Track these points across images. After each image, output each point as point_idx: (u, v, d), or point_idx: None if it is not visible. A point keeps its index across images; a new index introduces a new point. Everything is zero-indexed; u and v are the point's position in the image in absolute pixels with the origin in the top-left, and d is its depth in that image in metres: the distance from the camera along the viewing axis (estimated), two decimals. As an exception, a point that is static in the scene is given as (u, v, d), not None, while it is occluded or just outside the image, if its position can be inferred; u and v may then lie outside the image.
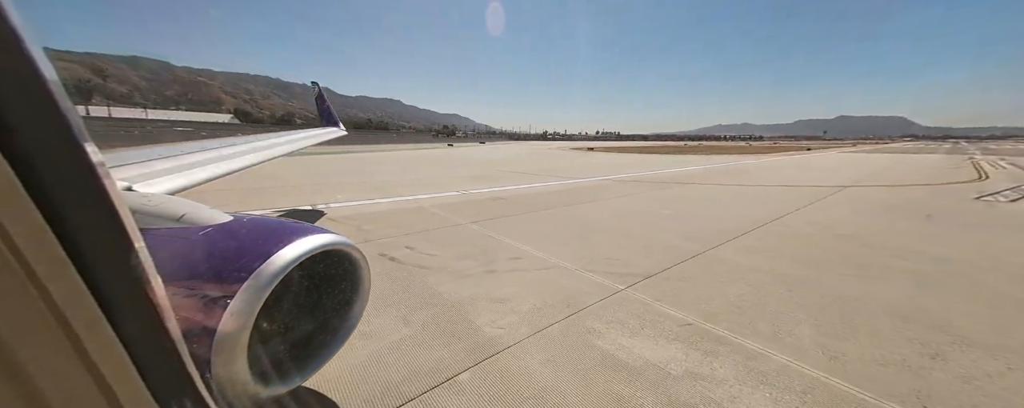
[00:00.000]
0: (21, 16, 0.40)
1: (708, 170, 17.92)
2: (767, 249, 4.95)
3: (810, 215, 7.22)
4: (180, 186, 2.45)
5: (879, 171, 17.18)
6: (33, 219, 0.38)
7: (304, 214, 7.27)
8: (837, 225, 6.38)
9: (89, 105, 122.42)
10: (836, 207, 8.12)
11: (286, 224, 1.24)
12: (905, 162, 23.21)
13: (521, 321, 2.98)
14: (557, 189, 11.06)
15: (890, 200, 9.17)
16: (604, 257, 4.55)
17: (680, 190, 10.95)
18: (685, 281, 3.83)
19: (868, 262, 4.45)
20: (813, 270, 4.15)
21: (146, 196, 1.53)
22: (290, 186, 10.96)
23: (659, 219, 6.90)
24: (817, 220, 6.74)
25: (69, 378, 0.42)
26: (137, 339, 0.51)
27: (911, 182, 12.78)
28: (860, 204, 8.59)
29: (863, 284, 3.78)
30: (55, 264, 0.40)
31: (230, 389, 0.95)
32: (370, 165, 19.73)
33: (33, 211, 0.38)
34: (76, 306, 0.41)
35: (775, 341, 2.69)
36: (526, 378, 2.30)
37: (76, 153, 0.44)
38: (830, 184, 11.93)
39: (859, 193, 10.23)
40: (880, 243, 5.30)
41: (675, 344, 2.66)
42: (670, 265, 4.27)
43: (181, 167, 2.83)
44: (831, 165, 21.16)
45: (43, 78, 0.40)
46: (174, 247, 1.14)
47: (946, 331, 2.83)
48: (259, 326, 1.02)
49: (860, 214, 7.45)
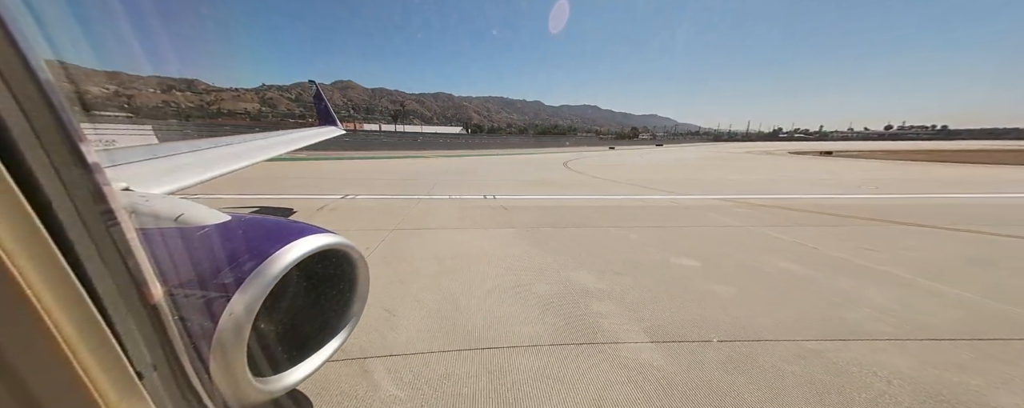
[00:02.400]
0: (30, 28, 0.41)
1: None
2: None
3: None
4: (180, 186, 2.45)
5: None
6: (26, 219, 0.38)
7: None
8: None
9: (404, 124, 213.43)
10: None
11: (285, 224, 1.24)
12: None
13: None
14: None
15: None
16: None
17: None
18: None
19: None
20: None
21: (145, 196, 1.53)
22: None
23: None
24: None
25: (64, 379, 0.42)
26: (134, 339, 0.51)
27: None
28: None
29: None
30: (48, 264, 0.40)
31: (228, 389, 0.95)
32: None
33: (27, 211, 0.38)
34: (70, 306, 0.41)
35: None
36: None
37: (70, 154, 0.44)
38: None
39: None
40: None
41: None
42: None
43: (179, 166, 2.82)
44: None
45: (40, 83, 0.40)
46: (172, 247, 1.14)
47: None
48: (257, 326, 1.02)
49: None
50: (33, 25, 0.44)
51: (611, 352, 2.54)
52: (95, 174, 0.45)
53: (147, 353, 0.53)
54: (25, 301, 0.38)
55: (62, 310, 0.41)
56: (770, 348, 2.59)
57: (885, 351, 2.55)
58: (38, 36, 0.45)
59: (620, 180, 13.63)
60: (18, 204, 0.38)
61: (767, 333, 2.78)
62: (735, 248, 4.99)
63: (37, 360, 0.40)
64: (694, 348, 2.59)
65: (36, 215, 0.39)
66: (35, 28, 0.45)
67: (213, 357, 0.92)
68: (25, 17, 0.42)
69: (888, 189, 11.31)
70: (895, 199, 9.48)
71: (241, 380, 0.97)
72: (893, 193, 10.49)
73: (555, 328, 2.84)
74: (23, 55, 0.39)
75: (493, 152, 33.00)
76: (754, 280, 3.85)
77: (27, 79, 0.40)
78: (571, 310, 3.16)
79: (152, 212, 1.27)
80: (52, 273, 0.40)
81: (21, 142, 0.40)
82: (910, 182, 13.27)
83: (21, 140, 0.40)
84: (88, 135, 0.47)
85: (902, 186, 12.11)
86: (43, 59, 0.43)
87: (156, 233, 1.19)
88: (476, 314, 3.07)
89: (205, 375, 0.90)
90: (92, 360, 0.44)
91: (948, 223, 6.48)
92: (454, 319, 2.99)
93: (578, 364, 2.41)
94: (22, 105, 0.40)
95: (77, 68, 1.20)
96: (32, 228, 0.39)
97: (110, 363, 0.46)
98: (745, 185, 12.33)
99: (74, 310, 0.42)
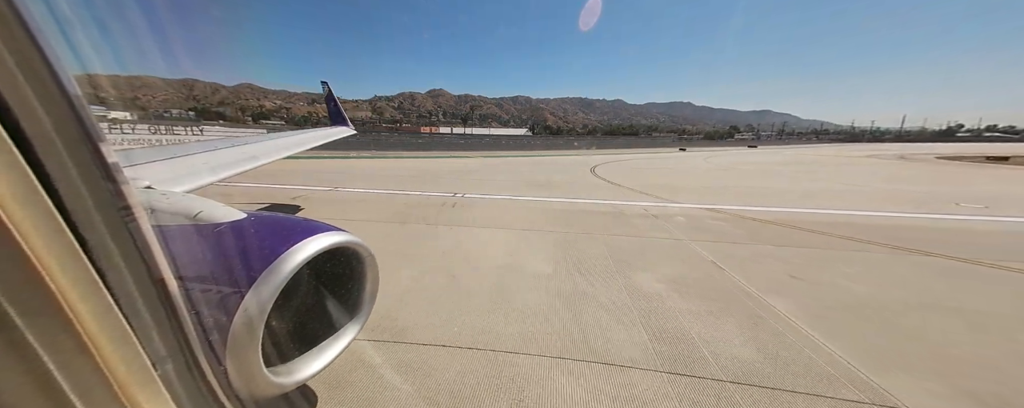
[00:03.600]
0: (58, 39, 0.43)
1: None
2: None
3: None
4: (199, 184, 2.53)
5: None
6: (49, 217, 0.40)
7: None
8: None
9: (479, 127, 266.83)
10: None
11: (298, 222, 1.26)
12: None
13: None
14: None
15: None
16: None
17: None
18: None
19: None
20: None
21: (165, 194, 1.57)
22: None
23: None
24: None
25: (83, 370, 0.44)
26: (151, 333, 0.53)
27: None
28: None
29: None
30: (71, 260, 0.42)
31: (242, 383, 0.98)
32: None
33: (49, 209, 0.40)
34: (91, 300, 0.43)
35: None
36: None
37: (91, 155, 0.46)
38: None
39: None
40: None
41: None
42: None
43: (198, 166, 2.91)
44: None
45: (64, 88, 0.42)
46: (189, 243, 1.18)
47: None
48: (270, 322, 1.04)
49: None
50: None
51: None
52: (113, 174, 0.47)
53: (163, 346, 0.55)
54: (50, 295, 0.40)
55: (83, 303, 0.43)
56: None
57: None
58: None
59: (625, 185, 12.46)
60: (41, 203, 0.40)
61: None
62: (621, 261, 4.57)
63: (60, 351, 0.42)
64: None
65: (59, 213, 0.41)
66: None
67: (228, 351, 0.94)
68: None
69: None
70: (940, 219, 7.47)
71: (256, 374, 1.00)
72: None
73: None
74: (50, 69, 0.41)
75: (537, 153, 32.38)
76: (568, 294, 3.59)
77: (52, 89, 0.42)
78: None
79: (171, 209, 1.31)
80: (74, 268, 0.42)
81: (42, 144, 0.42)
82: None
83: (41, 143, 0.42)
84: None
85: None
86: (86, 71, 0.45)
87: (174, 230, 1.22)
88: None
89: (219, 368, 0.92)
90: (112, 351, 0.46)
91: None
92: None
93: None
94: (44, 110, 0.42)
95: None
96: (57, 227, 0.41)
97: (128, 355, 0.48)
98: (774, 195, 10.53)
99: (94, 303, 0.44)
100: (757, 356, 2.66)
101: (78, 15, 0.61)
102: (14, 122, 0.40)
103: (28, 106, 0.40)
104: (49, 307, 0.41)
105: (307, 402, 2.12)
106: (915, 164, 25.67)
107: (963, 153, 42.13)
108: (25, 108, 0.40)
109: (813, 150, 53.74)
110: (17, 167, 0.39)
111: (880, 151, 51.58)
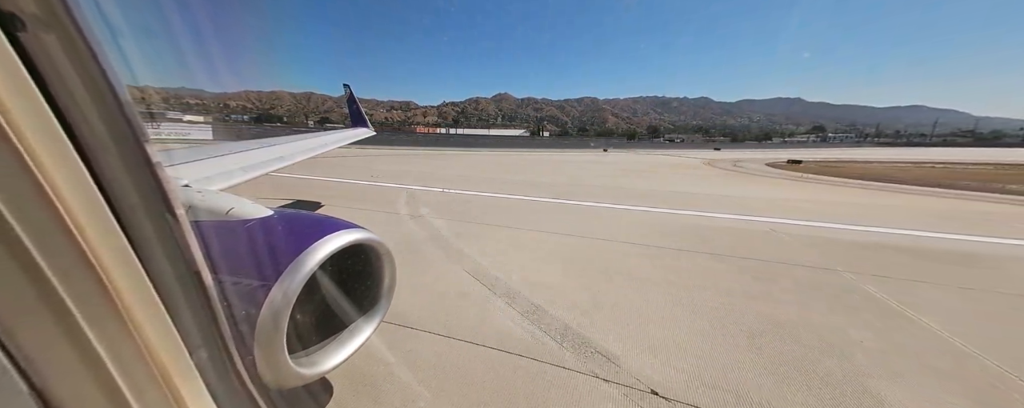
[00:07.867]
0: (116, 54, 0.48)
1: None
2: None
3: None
4: (233, 183, 2.66)
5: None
6: (101, 211, 0.44)
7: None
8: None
9: (541, 131, 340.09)
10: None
11: (321, 219, 1.31)
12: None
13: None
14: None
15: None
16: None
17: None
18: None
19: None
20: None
21: (202, 192, 1.67)
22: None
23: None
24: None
25: (128, 354, 0.48)
26: (187, 322, 0.57)
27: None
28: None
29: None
30: (121, 253, 0.46)
31: (268, 371, 1.03)
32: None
33: (101, 204, 0.44)
34: (137, 289, 0.47)
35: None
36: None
37: (142, 156, 0.50)
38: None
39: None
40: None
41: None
42: None
43: (230, 165, 3.06)
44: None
45: (118, 96, 0.46)
46: (222, 238, 1.24)
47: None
48: (294, 315, 1.09)
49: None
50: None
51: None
52: (158, 174, 0.51)
53: (198, 334, 0.59)
54: (100, 283, 0.44)
55: (131, 292, 0.47)
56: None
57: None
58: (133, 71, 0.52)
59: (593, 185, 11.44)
60: (95, 198, 0.44)
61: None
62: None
63: (108, 335, 0.46)
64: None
65: (109, 207, 0.45)
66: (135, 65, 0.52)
67: (256, 341, 0.99)
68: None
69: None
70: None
71: (281, 364, 1.04)
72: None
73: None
74: (108, 80, 0.45)
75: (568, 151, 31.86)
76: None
77: (107, 97, 0.46)
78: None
79: (206, 206, 1.39)
80: (123, 260, 0.46)
81: (95, 147, 0.46)
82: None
83: (95, 146, 0.46)
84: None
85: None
86: (134, 83, 0.49)
87: (208, 225, 1.30)
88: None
89: (248, 358, 0.98)
90: (153, 337, 0.49)
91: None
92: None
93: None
94: (100, 117, 0.46)
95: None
96: (107, 220, 0.45)
97: (168, 342, 0.52)
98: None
99: (140, 293, 0.48)
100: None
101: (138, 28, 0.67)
102: (72, 125, 0.44)
103: (84, 111, 0.44)
104: (99, 295, 0.45)
105: (327, 394, 2.20)
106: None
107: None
108: (80, 114, 0.44)
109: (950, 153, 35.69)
110: (74, 166, 0.43)
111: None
